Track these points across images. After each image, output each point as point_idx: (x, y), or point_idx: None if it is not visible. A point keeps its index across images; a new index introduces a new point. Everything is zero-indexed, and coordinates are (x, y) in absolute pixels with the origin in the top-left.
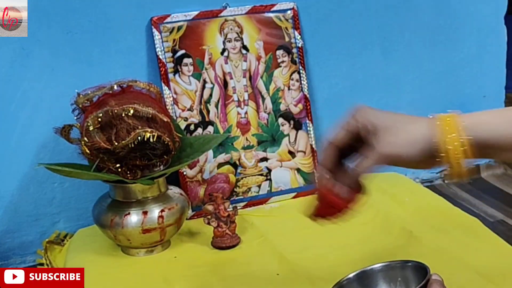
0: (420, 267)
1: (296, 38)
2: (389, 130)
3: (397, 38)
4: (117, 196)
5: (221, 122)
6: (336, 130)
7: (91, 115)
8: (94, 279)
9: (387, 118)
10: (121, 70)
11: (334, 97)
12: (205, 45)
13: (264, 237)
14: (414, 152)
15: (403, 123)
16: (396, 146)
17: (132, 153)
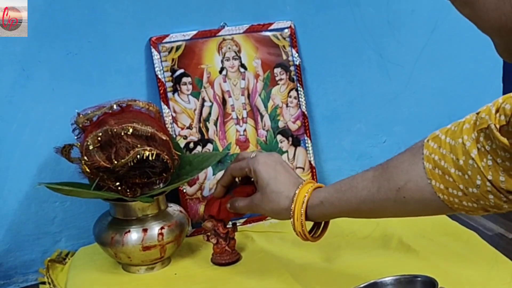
0: (429, 282)
1: (293, 56)
2: (263, 195)
3: (394, 54)
4: (117, 214)
5: (220, 139)
6: (224, 175)
7: (91, 134)
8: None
9: (265, 177)
10: (120, 89)
11: (332, 114)
12: (204, 64)
13: (264, 252)
14: (275, 217)
15: (275, 192)
16: (264, 211)
17: (132, 172)
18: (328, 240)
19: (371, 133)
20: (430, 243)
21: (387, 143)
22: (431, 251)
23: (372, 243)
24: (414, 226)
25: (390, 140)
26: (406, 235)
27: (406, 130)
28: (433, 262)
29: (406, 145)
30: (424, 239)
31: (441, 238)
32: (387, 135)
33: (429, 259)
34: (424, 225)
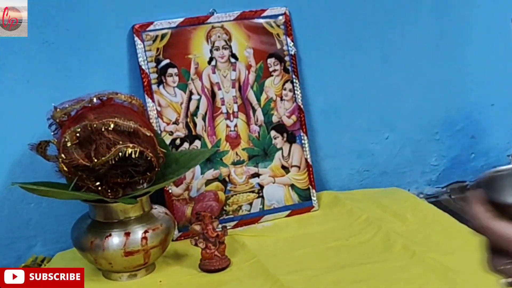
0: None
1: (288, 45)
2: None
3: (398, 44)
4: (97, 216)
5: (209, 135)
6: None
7: (68, 130)
8: None
9: None
10: (101, 81)
11: (330, 108)
12: (191, 54)
13: (256, 258)
14: None
15: None
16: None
17: (113, 170)
18: (327, 244)
19: (373, 128)
20: (437, 248)
21: (390, 139)
22: (438, 257)
23: (374, 248)
24: (419, 230)
25: (393, 136)
26: (410, 239)
27: (411, 125)
28: (440, 270)
29: (410, 142)
30: (431, 244)
31: (449, 243)
32: (390, 131)
33: (436, 266)
34: (430, 228)
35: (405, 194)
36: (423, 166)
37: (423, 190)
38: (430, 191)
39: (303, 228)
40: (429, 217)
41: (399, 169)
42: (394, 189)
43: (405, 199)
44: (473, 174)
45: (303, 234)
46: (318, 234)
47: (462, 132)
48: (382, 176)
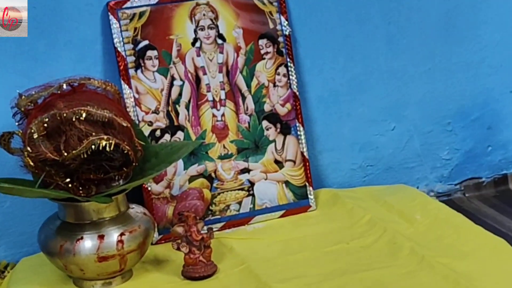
0: None
1: (282, 25)
2: None
3: (405, 23)
4: (67, 217)
5: (193, 126)
6: None
7: (35, 120)
8: None
9: None
10: (71, 65)
11: (329, 95)
12: (173, 35)
13: (246, 264)
14: None
15: None
16: None
17: (85, 165)
18: (326, 248)
19: (377, 118)
20: (449, 253)
21: (397, 130)
22: (451, 263)
23: (378, 253)
24: (429, 232)
25: (400, 127)
26: (419, 242)
27: (420, 114)
28: (452, 277)
29: (419, 134)
30: (442, 248)
31: (462, 247)
32: (396, 121)
33: (447, 273)
34: (441, 230)
35: (413, 192)
36: (434, 161)
37: (434, 188)
38: (442, 189)
39: (299, 230)
40: (440, 218)
41: (407, 164)
42: (401, 186)
43: (413, 197)
44: (490, 170)
45: (298, 237)
46: (316, 237)
47: (478, 123)
48: (387, 171)
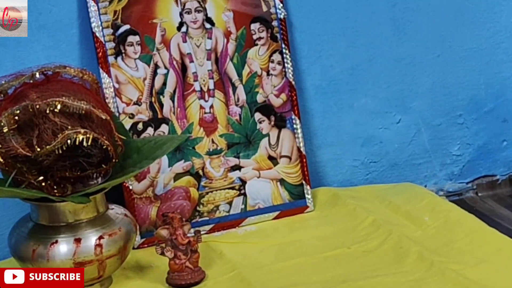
0: None
1: (277, 7)
2: None
3: (412, 5)
4: (41, 219)
5: (179, 119)
6: None
7: (5, 112)
8: None
9: None
10: (44, 52)
11: (329, 85)
12: (157, 18)
13: (237, 271)
14: None
15: None
16: None
17: (60, 162)
18: (325, 253)
19: (381, 110)
20: (460, 258)
21: (403, 123)
22: (462, 269)
23: (382, 258)
24: (438, 235)
25: (406, 119)
26: (428, 246)
27: (428, 106)
28: (464, 285)
29: (427, 127)
30: (453, 253)
31: (476, 251)
32: (402, 113)
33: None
34: (451, 234)
35: (421, 191)
36: (444, 157)
37: (444, 186)
38: (452, 188)
39: (295, 234)
40: (451, 220)
41: (414, 160)
42: (407, 184)
43: (421, 197)
44: (505, 167)
45: (294, 241)
46: (313, 241)
47: (492, 115)
48: (392, 168)
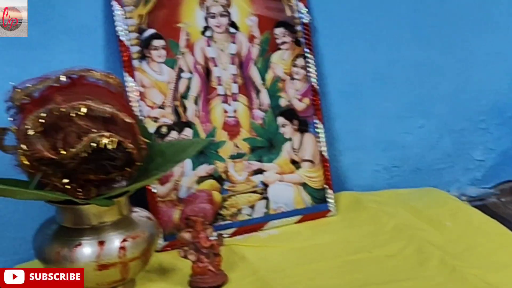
0: None
1: (301, 12)
2: None
3: (434, 9)
4: (65, 221)
5: (202, 123)
6: None
7: (31, 115)
8: None
9: None
10: (70, 55)
11: (351, 89)
12: (181, 23)
13: (259, 274)
14: None
15: None
16: None
17: (85, 165)
18: (346, 257)
19: (404, 114)
20: (482, 263)
21: (425, 128)
22: (484, 275)
23: (404, 262)
24: (460, 240)
25: (428, 124)
26: (449, 251)
27: (450, 110)
28: None
29: (449, 131)
30: (475, 258)
31: (498, 256)
32: (424, 118)
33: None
34: (474, 239)
35: (443, 196)
36: (466, 162)
37: (466, 191)
38: (475, 193)
39: (317, 237)
40: (473, 225)
41: (436, 165)
42: (429, 189)
43: (443, 202)
44: None
45: (316, 245)
46: (335, 245)
47: None
48: (414, 173)
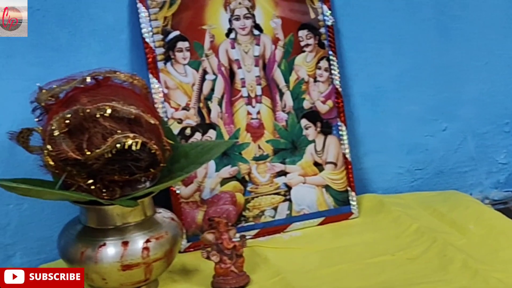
0: None
1: (325, 14)
2: None
3: (459, 12)
4: (89, 221)
5: (226, 124)
6: None
7: (56, 116)
8: None
9: None
10: (96, 57)
11: (375, 92)
12: (206, 25)
13: (281, 276)
14: None
15: None
16: None
17: (109, 166)
18: (369, 260)
19: (427, 117)
20: (505, 267)
21: (449, 131)
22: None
23: (426, 265)
24: (483, 243)
25: (452, 127)
26: (472, 254)
27: (475, 114)
28: None
29: (474, 135)
30: (498, 262)
31: None
32: (448, 121)
33: None
34: (496, 242)
35: (466, 199)
36: (490, 165)
37: (489, 195)
38: (498, 196)
39: (339, 240)
40: (496, 228)
41: (459, 168)
42: (452, 192)
43: (466, 205)
44: None
45: (339, 247)
46: (358, 247)
47: None
48: (437, 176)
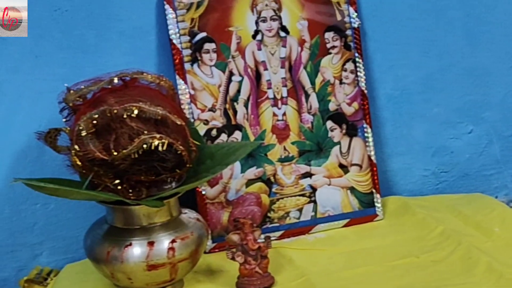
0: None
1: (351, 17)
2: None
3: (486, 14)
4: (115, 221)
5: (252, 126)
6: None
7: (84, 116)
8: None
9: None
10: (123, 58)
11: (401, 94)
12: (232, 26)
13: (306, 277)
14: None
15: None
16: None
17: (136, 166)
18: (393, 262)
19: (453, 120)
20: None
21: (475, 134)
22: None
23: (451, 268)
24: (508, 247)
25: (478, 130)
26: (497, 257)
27: (501, 116)
28: None
29: (499, 138)
30: None
31: None
32: (474, 123)
33: None
34: None
35: (491, 202)
36: None
37: None
38: None
39: (364, 242)
40: None
41: (485, 170)
42: (478, 195)
43: (492, 208)
44: None
45: (363, 249)
46: (382, 249)
47: None
48: (463, 179)
